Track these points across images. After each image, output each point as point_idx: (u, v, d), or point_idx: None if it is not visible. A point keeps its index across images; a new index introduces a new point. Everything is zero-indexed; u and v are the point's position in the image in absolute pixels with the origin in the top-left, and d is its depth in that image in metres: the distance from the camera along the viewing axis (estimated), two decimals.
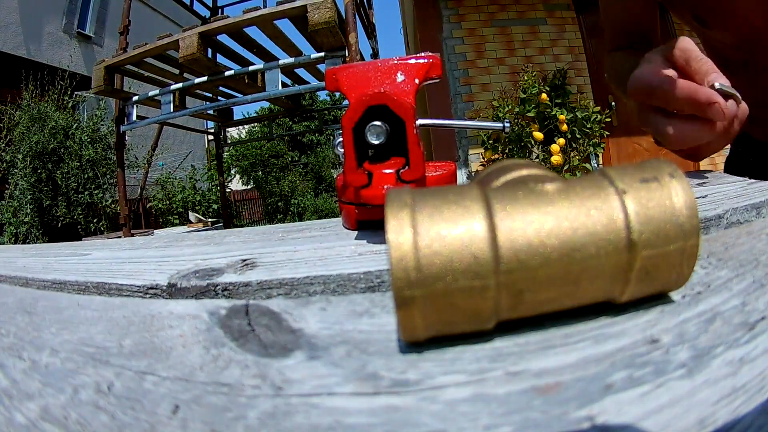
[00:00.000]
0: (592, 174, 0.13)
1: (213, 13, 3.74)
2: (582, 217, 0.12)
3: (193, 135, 7.59)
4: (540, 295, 0.12)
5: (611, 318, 0.14)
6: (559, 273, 0.12)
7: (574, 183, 0.13)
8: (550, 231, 0.12)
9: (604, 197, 0.12)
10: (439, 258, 0.11)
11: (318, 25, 1.89)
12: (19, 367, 0.15)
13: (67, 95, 5.17)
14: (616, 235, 0.12)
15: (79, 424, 0.12)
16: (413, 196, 0.12)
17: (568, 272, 0.12)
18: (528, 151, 2.28)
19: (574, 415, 0.10)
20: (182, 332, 0.16)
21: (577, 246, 0.12)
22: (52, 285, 0.26)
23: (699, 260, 0.17)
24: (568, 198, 0.12)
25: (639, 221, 0.12)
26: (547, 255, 0.12)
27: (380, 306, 0.17)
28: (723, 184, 0.31)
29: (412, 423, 0.11)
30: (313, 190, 9.78)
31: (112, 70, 2.42)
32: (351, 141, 0.25)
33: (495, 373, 0.12)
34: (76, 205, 4.65)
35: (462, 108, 3.01)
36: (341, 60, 2.05)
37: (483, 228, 0.12)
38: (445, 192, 0.12)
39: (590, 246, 0.12)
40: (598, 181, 0.13)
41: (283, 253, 0.25)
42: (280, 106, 3.31)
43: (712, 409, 0.10)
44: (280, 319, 0.16)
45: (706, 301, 0.15)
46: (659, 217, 0.12)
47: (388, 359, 0.13)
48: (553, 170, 0.36)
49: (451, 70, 3.11)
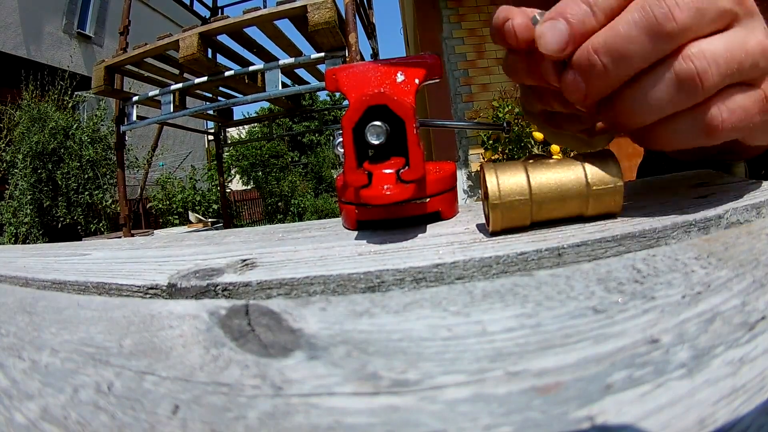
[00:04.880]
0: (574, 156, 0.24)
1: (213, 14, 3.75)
2: (566, 172, 0.23)
3: (193, 135, 7.59)
4: (549, 206, 0.23)
5: (611, 318, 0.14)
6: (556, 196, 0.23)
7: (563, 160, 0.24)
8: (551, 176, 0.23)
9: (576, 164, 0.23)
10: (506, 188, 0.23)
11: (318, 26, 1.89)
12: (19, 367, 0.15)
13: (67, 95, 5.17)
14: (580, 179, 0.23)
15: (79, 424, 0.12)
16: (495, 164, 0.24)
17: (560, 196, 0.23)
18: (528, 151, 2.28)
19: (574, 415, 0.10)
20: (182, 332, 0.16)
21: (564, 183, 0.23)
22: (52, 285, 0.26)
23: (699, 260, 0.18)
24: (560, 164, 0.24)
25: (591, 173, 0.23)
26: (550, 187, 0.23)
27: (380, 306, 0.17)
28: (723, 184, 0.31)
29: (412, 423, 0.11)
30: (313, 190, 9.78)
31: (112, 70, 2.42)
32: (351, 141, 0.25)
33: (495, 373, 0.12)
34: (76, 205, 4.65)
35: (462, 108, 3.01)
36: (341, 60, 2.05)
37: (524, 175, 0.23)
38: (508, 162, 0.24)
39: (569, 184, 0.23)
40: (575, 158, 0.24)
41: (283, 253, 0.25)
42: (280, 106, 3.31)
43: (712, 409, 0.10)
44: (280, 319, 0.16)
45: (706, 301, 0.15)
46: (600, 172, 0.23)
47: (388, 359, 0.13)
48: None
49: (451, 71, 3.11)
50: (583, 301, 0.16)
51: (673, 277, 0.16)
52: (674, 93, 0.21)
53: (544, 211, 0.24)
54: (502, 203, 0.23)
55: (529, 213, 0.23)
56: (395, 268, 0.20)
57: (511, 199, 0.23)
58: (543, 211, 0.23)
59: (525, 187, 0.23)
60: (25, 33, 6.24)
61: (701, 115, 0.21)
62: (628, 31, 0.20)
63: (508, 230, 0.24)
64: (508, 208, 0.23)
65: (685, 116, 0.22)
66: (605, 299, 0.15)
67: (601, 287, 0.16)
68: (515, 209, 0.23)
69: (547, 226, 0.24)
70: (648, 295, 0.15)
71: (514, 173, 0.23)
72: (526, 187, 0.23)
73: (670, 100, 0.21)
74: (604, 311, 0.15)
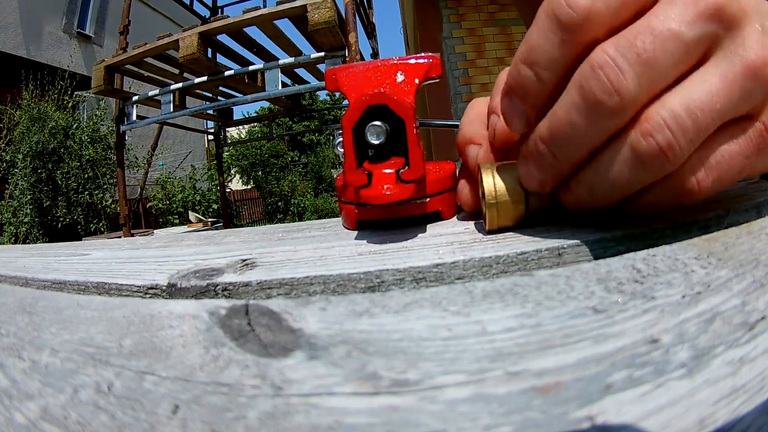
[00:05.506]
0: None
1: (213, 13, 3.74)
2: None
3: (193, 135, 7.59)
4: (541, 204, 0.23)
5: (611, 318, 0.14)
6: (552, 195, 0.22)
7: None
8: None
9: None
10: (501, 188, 0.23)
11: (318, 25, 1.89)
12: (19, 367, 0.15)
13: (67, 95, 5.17)
14: None
15: (79, 424, 0.12)
16: (492, 164, 0.24)
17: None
18: None
19: (574, 415, 0.10)
20: (182, 332, 0.16)
21: None
22: (51, 285, 0.26)
23: (699, 260, 0.17)
24: None
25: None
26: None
27: (380, 306, 0.17)
28: None
29: (412, 423, 0.11)
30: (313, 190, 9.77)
31: (112, 69, 2.42)
32: (351, 141, 0.25)
33: (495, 373, 0.12)
34: (76, 205, 4.65)
35: (462, 108, 3.00)
36: (341, 60, 2.05)
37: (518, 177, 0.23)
38: (503, 164, 0.24)
39: None
40: None
41: (283, 253, 0.25)
42: (280, 105, 3.31)
43: (712, 408, 0.10)
44: (279, 319, 0.16)
45: (706, 300, 0.15)
46: None
47: (388, 359, 0.13)
48: None
49: (450, 70, 3.11)
50: (583, 300, 0.16)
51: (673, 277, 0.16)
52: (637, 172, 0.18)
53: (541, 207, 0.24)
54: (499, 203, 0.23)
55: (525, 212, 0.24)
56: (395, 268, 0.20)
57: (508, 198, 0.23)
58: (539, 207, 0.24)
59: (521, 186, 0.23)
60: (25, 33, 6.23)
61: (670, 182, 0.18)
62: (567, 115, 0.18)
63: (505, 229, 0.24)
64: (504, 207, 0.23)
65: (652, 187, 0.18)
66: (605, 299, 0.15)
67: (601, 287, 0.16)
68: (511, 208, 0.23)
69: (545, 224, 0.24)
70: (648, 295, 0.15)
71: (510, 173, 0.23)
72: (522, 186, 0.23)
73: (632, 179, 0.18)
74: (604, 311, 0.15)
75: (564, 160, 0.19)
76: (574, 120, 0.17)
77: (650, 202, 0.19)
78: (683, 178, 0.18)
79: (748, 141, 0.17)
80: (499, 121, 0.23)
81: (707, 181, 0.18)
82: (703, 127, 0.16)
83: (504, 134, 0.24)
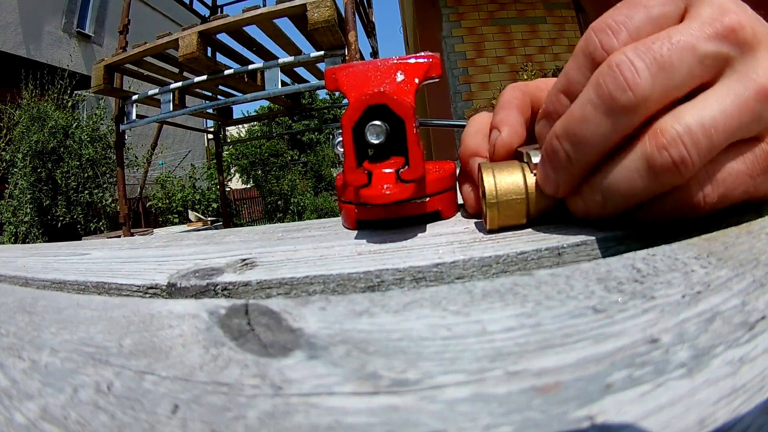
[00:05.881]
0: None
1: (212, 12, 3.74)
2: None
3: (193, 134, 7.59)
4: (545, 204, 0.23)
5: (611, 317, 0.14)
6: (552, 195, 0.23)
7: None
8: None
9: None
10: (503, 187, 0.23)
11: (317, 24, 1.88)
12: (19, 367, 0.15)
13: (66, 94, 5.16)
14: None
15: (78, 423, 0.12)
16: (492, 164, 0.24)
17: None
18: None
19: (574, 415, 0.10)
20: (182, 332, 0.16)
21: None
22: (51, 285, 0.26)
23: (699, 260, 0.17)
24: None
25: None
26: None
27: (380, 306, 0.17)
28: None
29: (411, 423, 0.11)
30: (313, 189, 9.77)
31: (112, 69, 2.42)
32: (351, 140, 0.25)
33: (495, 372, 0.12)
34: (75, 204, 4.64)
35: (461, 107, 3.01)
36: (341, 59, 2.04)
37: (520, 175, 0.23)
38: (503, 164, 0.24)
39: None
40: None
41: (283, 252, 0.25)
42: (280, 104, 3.31)
43: (712, 408, 0.10)
44: (279, 319, 0.16)
45: (706, 300, 0.15)
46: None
47: (388, 359, 0.13)
48: None
49: (450, 69, 3.11)
50: (582, 300, 0.16)
51: (672, 277, 0.16)
52: (648, 182, 0.18)
53: (537, 210, 0.24)
54: (499, 202, 0.23)
55: (526, 211, 0.24)
56: (395, 267, 0.20)
57: (508, 198, 0.23)
58: (540, 207, 0.24)
59: (521, 186, 0.23)
60: (25, 32, 6.22)
61: (677, 194, 0.18)
62: (582, 112, 0.18)
63: (505, 228, 0.24)
64: (505, 206, 0.23)
65: (659, 198, 0.19)
66: (605, 299, 0.15)
67: (600, 287, 0.16)
68: (512, 208, 0.23)
69: (545, 224, 0.24)
70: (648, 295, 0.15)
71: (510, 172, 0.24)
72: (523, 186, 0.23)
73: (643, 188, 0.18)
74: (603, 311, 0.15)
75: (577, 160, 0.19)
76: (587, 115, 0.18)
77: (656, 213, 0.19)
78: (691, 191, 0.18)
79: (754, 161, 0.18)
80: (499, 137, 0.25)
81: (713, 196, 0.18)
82: (715, 144, 0.17)
83: (503, 149, 0.25)
